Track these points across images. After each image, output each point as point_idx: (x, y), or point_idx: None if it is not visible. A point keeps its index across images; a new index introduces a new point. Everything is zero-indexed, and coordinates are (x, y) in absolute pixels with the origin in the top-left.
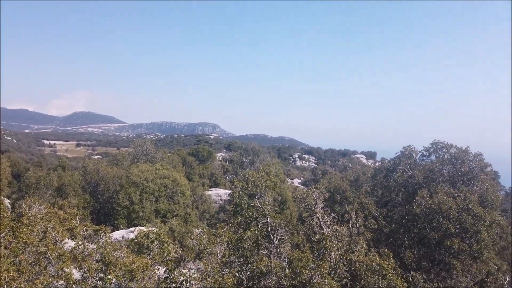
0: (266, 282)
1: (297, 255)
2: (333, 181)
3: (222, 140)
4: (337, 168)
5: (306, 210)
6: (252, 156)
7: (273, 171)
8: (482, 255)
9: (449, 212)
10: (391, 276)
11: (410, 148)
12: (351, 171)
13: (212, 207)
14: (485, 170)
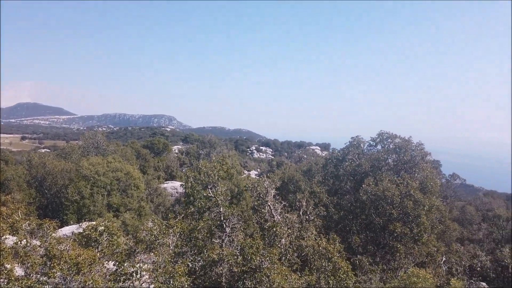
0: (218, 270)
1: (248, 243)
2: (287, 171)
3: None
4: (293, 159)
5: (258, 198)
6: (209, 149)
7: (229, 162)
8: (422, 237)
9: (393, 198)
10: (336, 259)
11: (358, 138)
12: (305, 162)
13: (167, 200)
14: (425, 158)
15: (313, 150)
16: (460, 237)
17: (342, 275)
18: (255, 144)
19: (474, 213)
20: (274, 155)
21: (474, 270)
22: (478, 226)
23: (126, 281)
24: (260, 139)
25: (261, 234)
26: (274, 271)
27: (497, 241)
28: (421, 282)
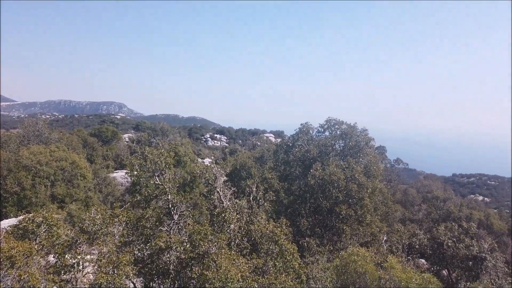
0: (165, 257)
1: (196, 229)
2: (239, 158)
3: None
4: (247, 146)
5: (206, 185)
6: (161, 136)
7: (181, 150)
8: (366, 218)
9: (338, 182)
10: (283, 241)
11: (307, 125)
12: (259, 149)
13: (117, 189)
14: (369, 144)
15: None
16: (402, 217)
17: (288, 257)
18: (210, 132)
19: (415, 195)
20: (228, 143)
21: (413, 248)
22: (419, 207)
23: (67, 273)
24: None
25: (210, 220)
26: (221, 256)
27: (434, 220)
28: (360, 260)
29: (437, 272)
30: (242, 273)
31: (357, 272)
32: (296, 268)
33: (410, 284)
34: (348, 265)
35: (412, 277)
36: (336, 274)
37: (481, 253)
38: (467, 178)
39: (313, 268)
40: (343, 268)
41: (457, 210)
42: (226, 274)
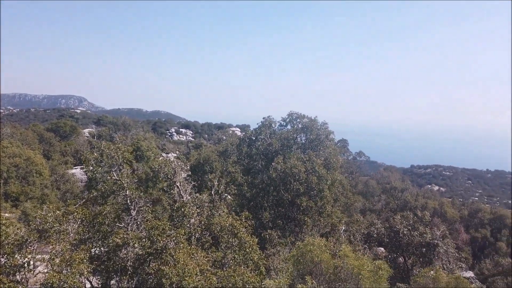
0: (122, 254)
1: (153, 224)
2: (202, 152)
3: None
4: (213, 141)
5: (165, 179)
6: (123, 131)
7: (144, 145)
8: (325, 209)
9: (299, 175)
10: (242, 234)
11: (269, 118)
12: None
13: (76, 186)
14: (329, 137)
15: (233, 132)
16: (363, 208)
17: (248, 249)
18: (175, 126)
19: (375, 186)
20: (194, 137)
21: (371, 237)
22: (379, 197)
23: (18, 273)
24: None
25: (169, 215)
26: (179, 251)
27: (393, 210)
28: (316, 250)
29: (393, 259)
30: (200, 267)
31: (313, 261)
32: (255, 260)
33: (362, 271)
34: (305, 254)
35: (364, 264)
36: (293, 264)
37: (434, 240)
38: (424, 169)
39: (274, 259)
40: (300, 258)
41: (413, 199)
42: (184, 268)
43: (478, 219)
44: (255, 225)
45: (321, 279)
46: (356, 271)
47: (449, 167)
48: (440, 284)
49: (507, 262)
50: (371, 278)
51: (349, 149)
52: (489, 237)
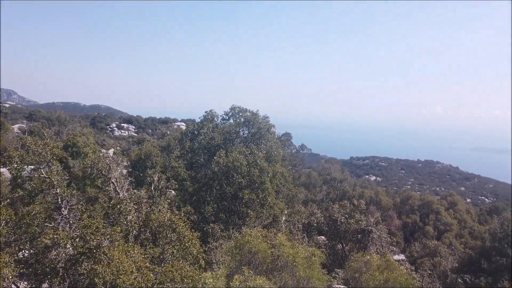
0: (52, 255)
1: (86, 223)
2: (144, 148)
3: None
4: (157, 136)
5: (99, 176)
6: (58, 126)
7: (81, 141)
8: (267, 201)
9: (241, 168)
10: (181, 228)
11: (211, 112)
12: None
13: (5, 185)
14: (270, 130)
15: (178, 126)
16: (305, 199)
17: (187, 243)
18: (116, 121)
19: (317, 178)
20: (137, 132)
21: (311, 226)
22: (320, 188)
23: None
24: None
25: (104, 213)
26: (114, 248)
27: (332, 199)
28: (254, 240)
29: (332, 246)
30: (137, 264)
31: (251, 252)
32: (194, 253)
33: (296, 258)
34: (243, 245)
35: (299, 251)
36: (231, 255)
37: (368, 226)
38: (362, 161)
39: (216, 252)
40: (238, 249)
41: (351, 189)
42: (118, 266)
43: (409, 205)
44: (198, 220)
45: (259, 269)
46: (291, 259)
47: (385, 158)
48: (372, 267)
49: (433, 244)
50: (305, 264)
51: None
52: (419, 222)
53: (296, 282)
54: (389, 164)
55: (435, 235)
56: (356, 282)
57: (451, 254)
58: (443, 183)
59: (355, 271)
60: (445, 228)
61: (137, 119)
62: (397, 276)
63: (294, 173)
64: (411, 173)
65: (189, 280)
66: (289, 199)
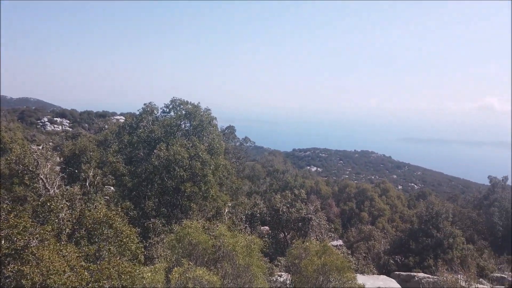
0: None
1: (12, 223)
2: (78, 142)
3: None
4: (94, 130)
5: (26, 172)
6: None
7: (7, 136)
8: (209, 194)
9: (182, 161)
10: (118, 224)
11: (151, 105)
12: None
13: None
14: (212, 122)
15: (117, 120)
16: (249, 191)
17: (125, 239)
18: (48, 115)
19: (261, 170)
20: (72, 127)
21: (254, 217)
22: (264, 180)
23: None
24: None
25: (33, 211)
26: (43, 249)
27: (275, 190)
28: (194, 232)
29: (275, 235)
30: (70, 263)
31: (192, 244)
32: (133, 249)
33: (236, 247)
34: (183, 238)
35: (239, 240)
36: (171, 249)
37: (308, 214)
38: (304, 152)
39: (158, 247)
40: (178, 242)
41: (293, 180)
42: (49, 266)
43: (346, 194)
44: (138, 215)
45: (200, 260)
46: (231, 248)
47: (325, 150)
48: (311, 252)
49: (368, 229)
50: (244, 253)
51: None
52: (355, 209)
53: (236, 270)
54: (328, 155)
55: (370, 220)
56: (296, 268)
57: (384, 237)
58: (378, 171)
59: (295, 258)
60: (379, 214)
61: (72, 112)
62: (334, 260)
63: (238, 166)
64: (349, 163)
65: (127, 276)
66: (233, 192)
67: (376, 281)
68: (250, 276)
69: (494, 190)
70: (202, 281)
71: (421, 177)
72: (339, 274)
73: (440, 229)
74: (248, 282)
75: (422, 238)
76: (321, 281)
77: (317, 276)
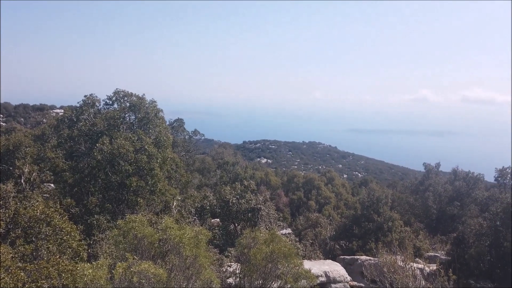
0: None
1: None
2: (12, 138)
3: None
4: (30, 125)
5: None
6: None
7: None
8: (157, 188)
9: (127, 155)
10: (57, 221)
11: (92, 97)
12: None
13: None
14: (158, 115)
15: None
16: (199, 184)
17: (65, 236)
18: None
19: (211, 163)
20: (6, 121)
21: (204, 209)
22: (214, 172)
23: None
24: None
25: None
26: None
27: (226, 182)
28: (138, 226)
29: (225, 227)
30: (4, 264)
31: (137, 238)
32: (74, 247)
33: (183, 239)
34: (127, 232)
35: (186, 232)
36: (115, 244)
37: (258, 205)
38: (254, 144)
39: (103, 244)
40: (122, 237)
41: (243, 172)
42: None
43: (295, 183)
44: (81, 212)
45: (146, 254)
46: (178, 240)
47: (274, 141)
48: (259, 241)
49: (315, 216)
50: (191, 244)
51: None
52: (303, 198)
53: (184, 262)
54: (278, 146)
55: (317, 208)
56: (245, 257)
57: (330, 224)
58: (324, 161)
59: (244, 247)
60: (325, 202)
61: (5, 106)
62: (282, 247)
63: (187, 159)
64: (297, 154)
65: (67, 275)
66: (182, 185)
67: (322, 265)
68: (198, 267)
69: (429, 176)
70: (147, 275)
71: (364, 165)
72: (287, 260)
73: (381, 213)
74: (196, 273)
75: (365, 223)
76: (270, 268)
77: (266, 263)
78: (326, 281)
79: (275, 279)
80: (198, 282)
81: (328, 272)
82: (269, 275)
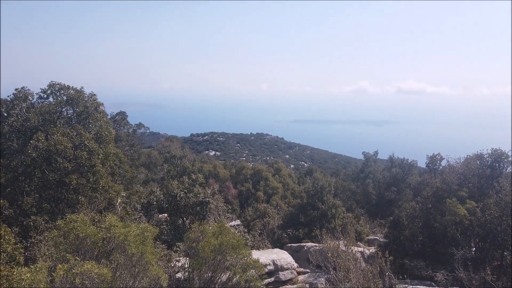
0: None
1: None
2: None
3: None
4: None
5: None
6: None
7: None
8: (99, 185)
9: (66, 151)
10: None
11: (24, 90)
12: None
13: None
14: (99, 109)
15: None
16: (146, 179)
17: None
18: None
19: (157, 157)
20: None
21: (151, 205)
22: (161, 167)
23: None
24: None
25: None
26: None
27: (173, 176)
28: (80, 226)
29: (173, 222)
30: None
31: (79, 238)
32: (9, 251)
33: (128, 236)
34: (68, 233)
35: (131, 229)
36: (55, 245)
37: (206, 198)
38: (202, 137)
39: (41, 246)
40: (63, 238)
41: (191, 165)
42: None
43: (243, 175)
44: (15, 213)
45: (89, 255)
46: (123, 238)
47: (222, 133)
48: (208, 234)
49: (263, 207)
50: (137, 241)
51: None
52: (252, 189)
53: (129, 260)
54: (226, 138)
55: (265, 199)
56: (194, 251)
57: (277, 213)
58: (272, 152)
59: (192, 241)
60: (273, 192)
61: None
62: (230, 239)
63: (132, 154)
64: (246, 145)
65: (3, 280)
66: (127, 181)
67: (270, 254)
68: (144, 264)
69: (368, 164)
70: (91, 275)
71: (310, 155)
72: (235, 252)
73: (325, 201)
74: (142, 270)
75: (310, 211)
76: (219, 260)
77: (215, 256)
78: (274, 269)
79: (224, 270)
80: (145, 280)
81: (276, 260)
82: (218, 267)
